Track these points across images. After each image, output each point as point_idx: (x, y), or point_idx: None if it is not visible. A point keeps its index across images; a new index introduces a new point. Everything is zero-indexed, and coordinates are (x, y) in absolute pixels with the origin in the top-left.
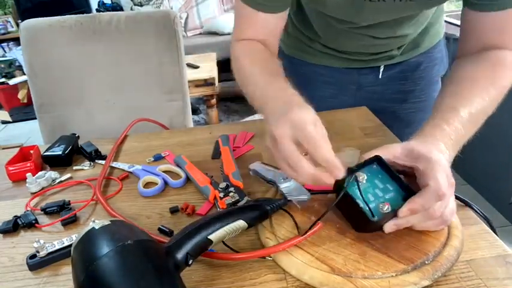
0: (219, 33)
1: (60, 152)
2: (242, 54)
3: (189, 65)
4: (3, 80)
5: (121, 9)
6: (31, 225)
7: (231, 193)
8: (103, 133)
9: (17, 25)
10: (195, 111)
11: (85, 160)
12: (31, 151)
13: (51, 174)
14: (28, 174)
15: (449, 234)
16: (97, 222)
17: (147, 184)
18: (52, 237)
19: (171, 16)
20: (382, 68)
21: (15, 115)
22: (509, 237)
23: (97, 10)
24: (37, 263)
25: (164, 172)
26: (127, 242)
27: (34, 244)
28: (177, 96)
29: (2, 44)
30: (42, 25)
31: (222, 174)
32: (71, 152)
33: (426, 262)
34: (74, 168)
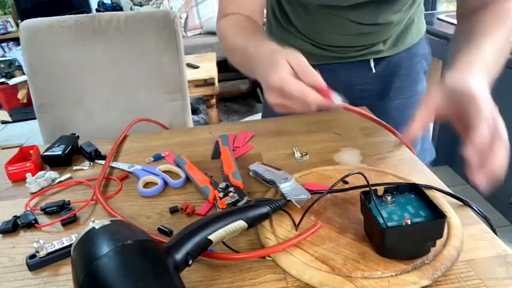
0: None
1: (60, 152)
2: (227, 29)
3: (189, 65)
4: (3, 80)
5: (121, 9)
6: (31, 225)
7: (231, 193)
8: (103, 133)
9: (17, 25)
10: (195, 111)
11: (85, 160)
12: (31, 151)
13: (50, 174)
14: (28, 174)
15: (449, 233)
16: (97, 222)
17: (147, 184)
18: (52, 237)
19: (171, 16)
20: (372, 63)
21: (15, 115)
22: (509, 237)
23: (97, 10)
24: (37, 263)
25: (164, 172)
26: (127, 242)
27: (34, 244)
28: (177, 96)
29: (2, 44)
30: (41, 25)
31: (222, 174)
32: (71, 152)
33: (426, 262)
34: (74, 168)
